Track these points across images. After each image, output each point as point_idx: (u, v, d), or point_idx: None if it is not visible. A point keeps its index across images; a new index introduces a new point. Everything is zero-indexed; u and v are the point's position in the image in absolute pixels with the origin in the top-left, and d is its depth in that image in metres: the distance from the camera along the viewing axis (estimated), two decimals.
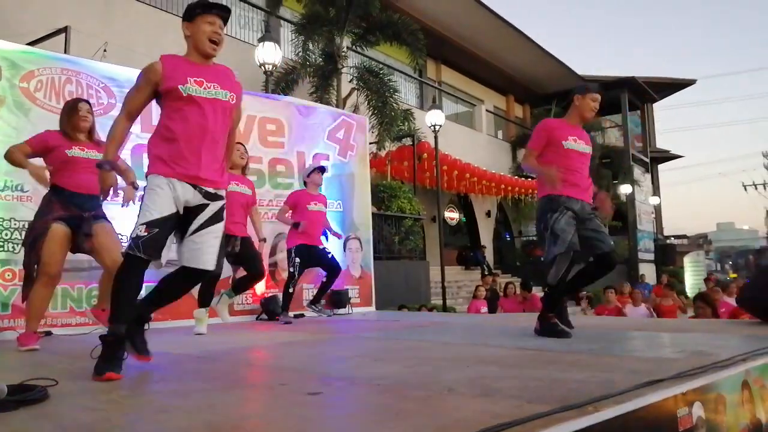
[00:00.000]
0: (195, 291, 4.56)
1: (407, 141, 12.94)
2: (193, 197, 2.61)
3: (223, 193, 2.73)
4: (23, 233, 4.47)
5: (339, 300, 6.46)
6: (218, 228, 2.68)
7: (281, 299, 5.67)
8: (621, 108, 23.15)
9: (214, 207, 2.66)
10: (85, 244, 3.62)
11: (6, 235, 4.44)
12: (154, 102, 2.74)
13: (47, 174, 3.67)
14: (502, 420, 1.46)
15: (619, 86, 22.64)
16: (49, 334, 4.37)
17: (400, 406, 1.82)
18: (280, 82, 11.22)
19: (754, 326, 4.11)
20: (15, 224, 4.49)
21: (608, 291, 8.85)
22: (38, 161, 3.74)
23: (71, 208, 3.60)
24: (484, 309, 9.08)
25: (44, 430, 1.65)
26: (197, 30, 2.70)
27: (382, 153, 12.62)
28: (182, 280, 2.69)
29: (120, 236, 4.83)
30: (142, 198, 2.63)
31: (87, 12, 9.02)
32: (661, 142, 33.34)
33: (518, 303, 9.77)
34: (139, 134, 5.34)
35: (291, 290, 5.55)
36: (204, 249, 2.61)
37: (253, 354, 3.32)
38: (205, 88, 2.65)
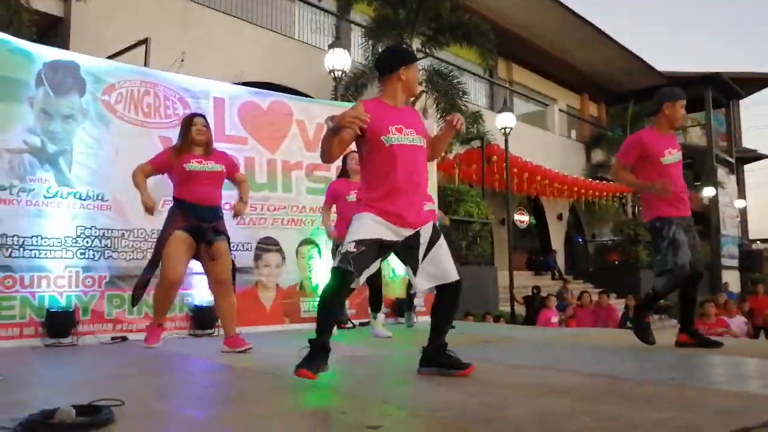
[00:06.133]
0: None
1: (476, 143, 12.75)
2: (405, 232, 2.82)
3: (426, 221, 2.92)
4: (102, 241, 4.69)
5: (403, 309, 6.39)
6: (442, 241, 2.91)
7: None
8: (704, 106, 21.95)
9: (426, 230, 2.88)
10: (208, 252, 3.86)
11: (87, 242, 4.63)
12: None
13: (152, 206, 3.94)
14: None
15: (703, 83, 21.48)
16: (125, 339, 4.54)
17: None
18: (350, 87, 11.29)
19: None
20: (96, 232, 4.68)
21: (707, 304, 8.16)
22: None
23: (191, 219, 3.84)
24: (555, 319, 8.82)
25: None
26: (412, 74, 2.93)
27: (450, 156, 12.49)
28: (444, 298, 2.96)
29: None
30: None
31: (165, 22, 9.38)
32: (748, 142, 31.44)
33: (591, 312, 9.43)
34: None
35: (412, 292, 5.69)
36: (442, 263, 2.87)
37: None
38: (404, 135, 2.83)
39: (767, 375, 3.17)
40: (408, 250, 2.86)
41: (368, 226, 2.73)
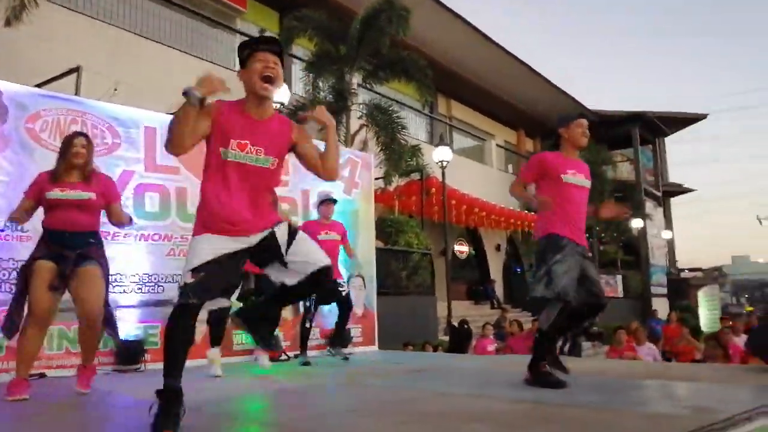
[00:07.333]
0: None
1: (416, 176, 12.96)
2: (254, 239, 2.48)
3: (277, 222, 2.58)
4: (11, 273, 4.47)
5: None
6: (302, 234, 2.57)
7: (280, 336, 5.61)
8: (632, 142, 23.13)
9: (280, 228, 2.52)
10: (66, 283, 3.46)
11: (4, 275, 4.42)
12: None
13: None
14: None
15: (631, 121, 22.68)
16: (43, 376, 4.32)
17: None
18: (290, 119, 11.31)
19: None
20: (14, 264, 4.45)
21: (620, 331, 8.46)
22: None
23: (52, 246, 3.48)
24: (491, 347, 8.92)
25: None
26: (248, 72, 2.48)
27: (391, 188, 12.63)
28: (307, 284, 2.51)
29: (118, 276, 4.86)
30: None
31: (97, 51, 9.21)
32: (674, 176, 33.23)
33: (524, 339, 9.58)
34: (143, 173, 5.37)
35: (308, 325, 5.44)
36: (309, 252, 2.51)
37: (243, 405, 3.24)
38: (247, 153, 2.45)
39: (682, 397, 3.31)
40: (268, 250, 2.49)
41: (203, 249, 2.38)
